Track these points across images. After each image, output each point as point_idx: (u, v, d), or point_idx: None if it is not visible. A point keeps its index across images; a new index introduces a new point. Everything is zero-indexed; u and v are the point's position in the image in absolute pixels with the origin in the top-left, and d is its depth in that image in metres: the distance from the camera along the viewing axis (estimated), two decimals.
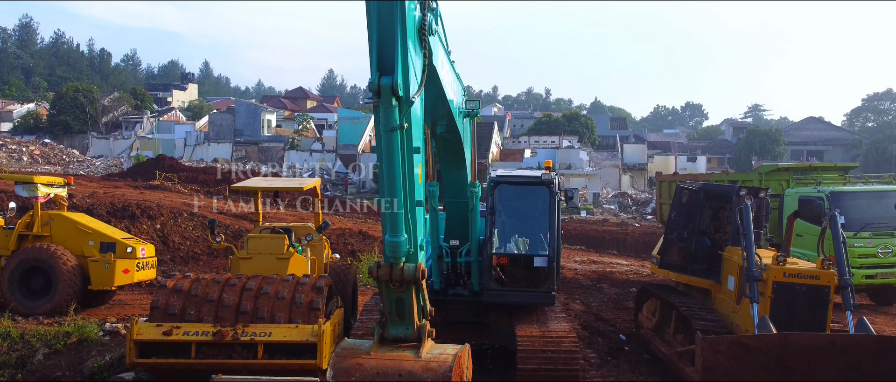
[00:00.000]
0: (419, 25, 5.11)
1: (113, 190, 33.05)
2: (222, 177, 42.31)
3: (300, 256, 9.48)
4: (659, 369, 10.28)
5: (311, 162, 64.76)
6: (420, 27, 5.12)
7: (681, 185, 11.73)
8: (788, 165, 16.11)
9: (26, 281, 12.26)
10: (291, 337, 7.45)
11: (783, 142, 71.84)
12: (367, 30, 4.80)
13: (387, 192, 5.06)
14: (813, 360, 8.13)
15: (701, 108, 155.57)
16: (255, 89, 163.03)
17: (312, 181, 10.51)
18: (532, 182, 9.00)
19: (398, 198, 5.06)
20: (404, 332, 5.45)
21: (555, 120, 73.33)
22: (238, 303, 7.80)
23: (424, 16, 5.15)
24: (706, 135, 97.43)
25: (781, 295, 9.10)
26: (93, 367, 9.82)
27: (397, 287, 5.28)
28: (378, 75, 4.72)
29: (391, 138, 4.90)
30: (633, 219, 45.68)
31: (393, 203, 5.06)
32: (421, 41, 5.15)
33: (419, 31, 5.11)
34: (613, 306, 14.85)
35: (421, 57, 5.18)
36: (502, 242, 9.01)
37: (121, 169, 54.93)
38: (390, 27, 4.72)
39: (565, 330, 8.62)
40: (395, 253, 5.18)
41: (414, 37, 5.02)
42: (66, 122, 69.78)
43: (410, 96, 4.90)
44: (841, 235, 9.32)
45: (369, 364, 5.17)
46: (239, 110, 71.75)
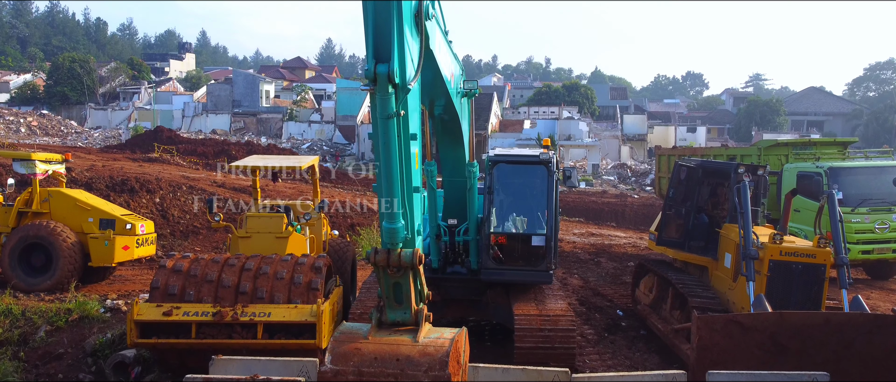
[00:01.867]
0: (416, 11, 5.05)
1: (112, 162, 33.02)
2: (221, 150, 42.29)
3: (299, 235, 9.51)
4: (655, 345, 10.38)
5: (309, 133, 64.60)
6: (416, 12, 5.06)
7: (679, 162, 11.72)
8: (787, 140, 16.08)
9: (26, 257, 12.31)
10: (291, 318, 7.52)
11: (784, 112, 71.63)
12: (364, 17, 4.74)
13: (384, 179, 5.05)
14: (808, 338, 8.20)
15: (702, 77, 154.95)
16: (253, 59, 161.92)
17: (311, 159, 10.49)
18: (530, 161, 8.99)
19: (395, 186, 5.05)
20: (402, 317, 5.48)
21: (555, 90, 72.96)
22: (237, 283, 7.85)
23: (421, 1, 5.09)
24: (707, 105, 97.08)
25: (778, 273, 9.16)
26: (95, 344, 9.92)
27: (395, 272, 5.29)
28: (374, 63, 4.68)
29: (388, 125, 4.88)
30: (632, 191, 45.73)
31: (390, 190, 5.05)
32: (417, 26, 5.10)
33: (416, 16, 5.06)
34: (611, 281, 14.94)
35: (418, 42, 5.13)
36: (500, 221, 9.03)
37: (119, 140, 54.81)
38: (386, 15, 4.67)
39: (562, 309, 8.68)
40: (393, 239, 5.19)
41: (410, 22, 4.97)
42: (63, 93, 69.41)
43: (407, 84, 4.87)
44: (838, 213, 9.34)
45: (367, 348, 5.21)
46: (237, 81, 71.35)
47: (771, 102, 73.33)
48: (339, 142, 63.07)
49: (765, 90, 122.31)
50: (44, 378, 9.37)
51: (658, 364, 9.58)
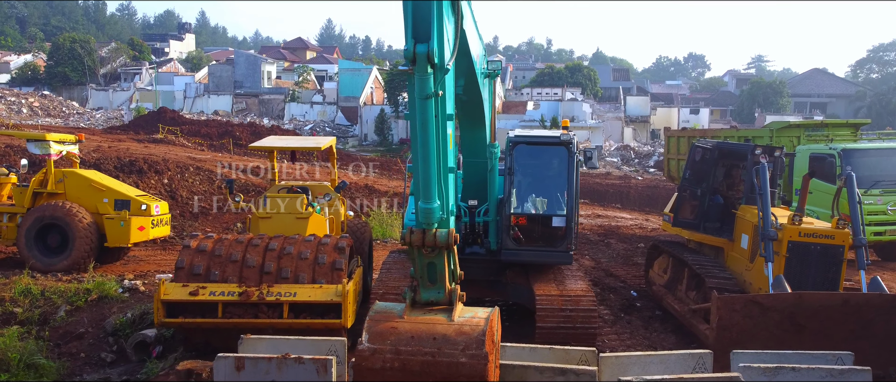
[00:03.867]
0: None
1: (117, 143, 32.97)
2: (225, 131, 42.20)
3: (318, 215, 9.54)
4: (671, 325, 10.45)
5: (311, 114, 64.44)
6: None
7: (696, 143, 11.73)
8: (799, 122, 16.07)
9: (42, 237, 12.36)
10: (316, 297, 7.57)
11: (787, 94, 71.40)
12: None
13: (421, 159, 5.05)
14: (826, 318, 8.29)
15: (704, 59, 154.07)
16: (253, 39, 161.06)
17: (329, 140, 10.50)
18: (551, 142, 9.00)
19: (432, 165, 5.06)
20: (436, 296, 5.51)
21: (557, 71, 72.67)
22: (262, 263, 7.89)
23: None
24: (709, 87, 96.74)
25: (796, 254, 9.21)
26: (115, 323, 9.99)
27: (429, 253, 5.31)
28: (413, 43, 4.67)
29: (426, 106, 4.88)
30: (635, 172, 45.72)
31: (427, 170, 5.06)
32: (453, 6, 5.09)
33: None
34: (622, 262, 15.01)
35: (453, 22, 5.13)
36: (520, 202, 9.06)
37: (121, 121, 54.68)
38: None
39: (583, 289, 8.74)
40: (428, 219, 5.19)
41: (447, 2, 4.96)
42: (64, 74, 69.09)
43: (445, 64, 4.87)
44: (856, 195, 9.39)
45: (404, 327, 5.24)
46: (238, 61, 71.03)
47: (774, 84, 73.02)
48: (342, 123, 62.94)
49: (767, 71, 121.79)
50: (66, 357, 9.45)
51: (675, 344, 9.67)
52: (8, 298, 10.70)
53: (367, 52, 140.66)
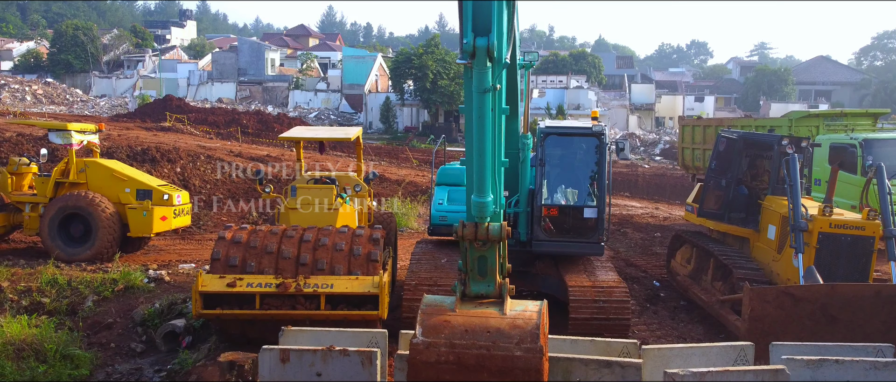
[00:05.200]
0: None
1: (125, 132, 32.94)
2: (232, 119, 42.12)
3: (348, 206, 9.54)
4: (696, 315, 10.49)
5: (316, 102, 64.30)
6: None
7: (720, 134, 11.71)
8: (819, 111, 16.05)
9: (65, 228, 12.36)
10: (353, 289, 7.59)
11: (792, 81, 71.15)
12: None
13: (476, 153, 5.04)
14: (858, 310, 8.30)
15: (706, 46, 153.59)
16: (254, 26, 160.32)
17: (356, 131, 10.48)
18: (583, 132, 8.99)
19: (487, 159, 5.05)
20: (486, 290, 5.52)
21: (562, 58, 72.44)
22: (297, 255, 7.90)
23: None
24: (712, 74, 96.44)
25: (826, 246, 9.23)
26: (144, 314, 10.03)
27: (481, 246, 5.32)
28: (473, 36, 4.65)
29: (483, 99, 4.86)
30: (641, 160, 45.71)
31: (481, 164, 5.05)
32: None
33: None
34: (641, 251, 15.04)
35: (507, 15, 5.10)
36: (551, 193, 9.06)
37: (126, 109, 54.57)
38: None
39: (615, 280, 8.77)
40: (482, 213, 5.19)
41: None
42: (67, 61, 68.81)
43: (503, 57, 4.85)
44: (887, 186, 9.38)
45: (457, 321, 5.25)
46: (242, 49, 70.74)
47: (779, 72, 72.74)
48: (346, 110, 62.82)
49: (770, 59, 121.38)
50: (97, 348, 9.50)
51: (703, 334, 9.71)
52: (35, 288, 10.74)
53: (369, 39, 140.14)
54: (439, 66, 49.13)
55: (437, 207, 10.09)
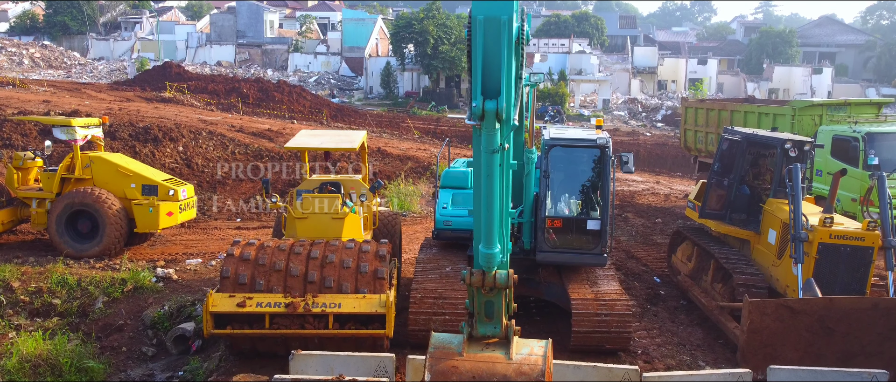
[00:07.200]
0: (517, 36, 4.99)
1: (126, 104, 32.83)
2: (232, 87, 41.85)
3: (354, 214, 9.63)
4: (696, 317, 10.66)
5: (315, 65, 63.79)
6: (517, 38, 5.00)
7: (724, 134, 11.73)
8: (821, 102, 15.98)
9: (73, 224, 12.47)
10: (361, 309, 7.73)
11: (796, 43, 70.43)
12: (472, 53, 4.69)
13: (484, 207, 5.12)
14: (855, 322, 8.47)
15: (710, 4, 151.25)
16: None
17: (360, 136, 10.49)
18: (587, 144, 9.02)
19: (495, 213, 5.14)
20: (492, 331, 5.69)
21: (563, 20, 71.54)
22: (305, 272, 8.02)
23: (522, 25, 5.02)
24: (716, 33, 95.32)
25: (826, 256, 9.34)
26: (153, 316, 10.22)
27: (488, 292, 5.47)
28: (482, 99, 4.67)
29: (492, 159, 4.92)
30: (643, 127, 45.61)
31: (489, 218, 5.14)
32: (517, 53, 5.05)
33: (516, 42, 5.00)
34: (642, 241, 15.17)
35: (515, 67, 5.10)
36: (555, 204, 9.14)
37: (126, 75, 54.19)
38: (496, 51, 4.61)
39: (617, 292, 8.91)
40: (489, 263, 5.34)
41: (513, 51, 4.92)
42: (63, 23, 68.00)
43: (512, 117, 4.88)
44: (887, 194, 9.44)
45: (465, 367, 5.41)
46: (240, 10, 69.82)
47: (783, 33, 71.92)
48: (347, 74, 62.37)
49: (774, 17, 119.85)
50: (109, 351, 9.71)
51: (702, 338, 9.89)
52: (46, 289, 10.91)
53: None
54: (440, 32, 48.60)
55: (441, 211, 10.19)
